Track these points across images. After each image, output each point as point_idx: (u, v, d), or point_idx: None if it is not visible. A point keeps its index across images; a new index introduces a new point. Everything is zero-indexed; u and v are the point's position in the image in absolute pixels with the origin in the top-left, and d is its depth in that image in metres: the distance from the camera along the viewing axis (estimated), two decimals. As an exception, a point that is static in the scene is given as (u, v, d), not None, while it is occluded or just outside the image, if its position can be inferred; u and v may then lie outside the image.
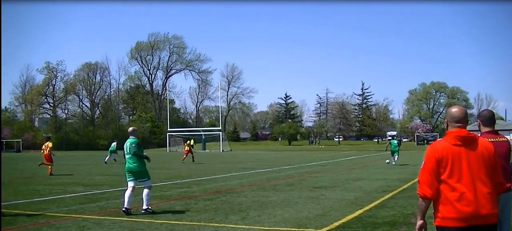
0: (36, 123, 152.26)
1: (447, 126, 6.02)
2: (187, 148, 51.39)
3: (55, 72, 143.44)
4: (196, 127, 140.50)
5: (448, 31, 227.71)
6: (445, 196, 5.67)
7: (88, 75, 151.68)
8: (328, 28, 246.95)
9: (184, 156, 50.62)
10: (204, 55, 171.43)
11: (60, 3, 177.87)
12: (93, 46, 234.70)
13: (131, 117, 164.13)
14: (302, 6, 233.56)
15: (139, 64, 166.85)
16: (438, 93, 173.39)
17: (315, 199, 18.64)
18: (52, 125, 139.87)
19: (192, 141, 53.79)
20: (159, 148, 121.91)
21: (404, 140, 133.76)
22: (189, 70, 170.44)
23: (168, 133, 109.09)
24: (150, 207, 15.70)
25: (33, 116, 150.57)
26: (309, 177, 29.58)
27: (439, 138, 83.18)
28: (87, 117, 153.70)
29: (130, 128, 16.84)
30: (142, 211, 15.39)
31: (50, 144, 32.56)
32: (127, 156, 16.03)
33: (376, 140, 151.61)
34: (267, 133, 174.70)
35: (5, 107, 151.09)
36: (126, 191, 15.44)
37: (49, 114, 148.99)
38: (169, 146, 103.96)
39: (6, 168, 39.75)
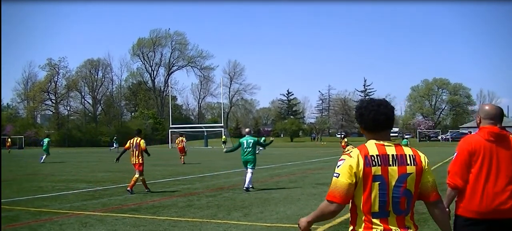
0: (39, 120, 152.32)
1: (480, 121, 6.23)
2: (181, 145, 45.22)
3: (57, 69, 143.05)
4: (198, 124, 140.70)
5: (450, 27, 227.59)
6: (472, 188, 5.95)
7: (90, 71, 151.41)
8: (330, 25, 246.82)
9: (182, 155, 44.15)
10: (206, 52, 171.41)
11: (62, 0, 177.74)
12: (95, 42, 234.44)
13: (133, 114, 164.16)
14: (304, 3, 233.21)
15: (141, 61, 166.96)
16: (440, 89, 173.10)
17: (318, 195, 18.68)
18: (54, 122, 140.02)
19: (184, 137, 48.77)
20: (161, 144, 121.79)
21: (406, 136, 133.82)
22: (191, 66, 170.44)
23: (170, 130, 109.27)
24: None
25: (36, 112, 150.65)
26: (311, 174, 29.63)
27: (441, 135, 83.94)
28: (89, 114, 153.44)
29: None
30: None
31: None
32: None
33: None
34: (269, 129, 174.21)
35: (7, 103, 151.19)
36: None
37: (51, 111, 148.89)
38: (171, 142, 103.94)
39: (9, 165, 39.82)
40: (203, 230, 12.24)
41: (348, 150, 4.65)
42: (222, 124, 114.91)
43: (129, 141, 21.30)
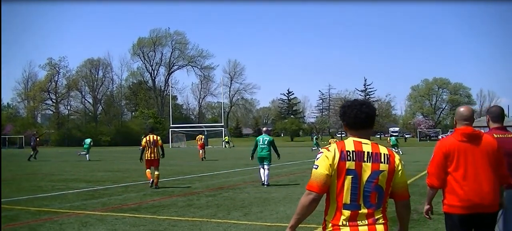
0: (39, 119, 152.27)
1: (456, 123, 6.72)
2: (201, 142, 50.91)
3: (57, 68, 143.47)
4: (198, 123, 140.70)
5: (451, 26, 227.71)
6: (451, 186, 6.46)
7: (90, 71, 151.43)
8: (330, 24, 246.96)
9: (201, 152, 49.51)
10: (206, 51, 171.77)
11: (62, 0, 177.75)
12: (96, 42, 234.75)
13: (133, 113, 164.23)
14: (305, 3, 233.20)
15: (141, 60, 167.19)
16: (440, 89, 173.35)
17: (317, 195, 18.65)
18: (54, 121, 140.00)
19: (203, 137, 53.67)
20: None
21: (406, 136, 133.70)
22: (192, 66, 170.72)
23: (170, 129, 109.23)
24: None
25: (36, 112, 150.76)
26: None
27: (442, 134, 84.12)
28: (90, 113, 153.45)
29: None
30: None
31: None
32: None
33: (378, 136, 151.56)
34: (269, 129, 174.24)
35: (8, 103, 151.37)
36: None
37: (52, 110, 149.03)
38: (171, 142, 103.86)
39: (9, 165, 39.81)
40: (203, 230, 12.24)
41: (329, 144, 4.85)
42: (223, 124, 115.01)
43: (144, 139, 22.52)
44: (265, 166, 22.68)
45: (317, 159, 4.68)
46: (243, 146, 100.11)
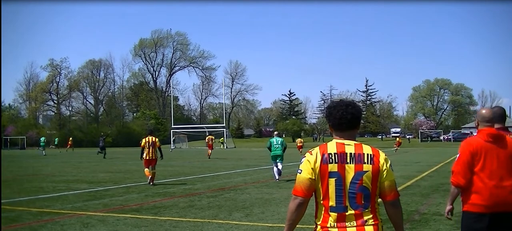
0: (40, 120, 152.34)
1: (478, 125, 6.84)
2: (210, 142, 54.95)
3: (59, 69, 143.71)
4: (200, 124, 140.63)
5: (452, 27, 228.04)
6: (477, 185, 6.48)
7: (92, 72, 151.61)
8: (332, 25, 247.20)
9: (210, 151, 53.65)
10: (207, 52, 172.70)
11: (63, 0, 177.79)
12: (97, 43, 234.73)
13: (135, 114, 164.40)
14: (306, 4, 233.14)
15: (143, 61, 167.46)
16: (442, 89, 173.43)
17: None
18: (56, 122, 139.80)
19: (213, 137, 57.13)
20: (163, 145, 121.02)
21: (408, 137, 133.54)
22: (193, 67, 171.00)
23: (172, 130, 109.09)
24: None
25: (37, 113, 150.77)
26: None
27: (443, 135, 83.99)
28: (91, 114, 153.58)
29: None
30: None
31: None
32: None
33: (380, 137, 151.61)
34: (271, 130, 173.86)
35: (9, 104, 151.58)
36: None
37: (53, 111, 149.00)
38: (173, 143, 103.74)
39: (10, 166, 39.81)
40: (204, 231, 12.24)
41: (313, 149, 4.78)
42: (224, 124, 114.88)
43: (144, 139, 24.39)
44: (278, 164, 25.65)
45: (301, 163, 4.70)
46: (244, 147, 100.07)
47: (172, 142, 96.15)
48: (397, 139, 75.72)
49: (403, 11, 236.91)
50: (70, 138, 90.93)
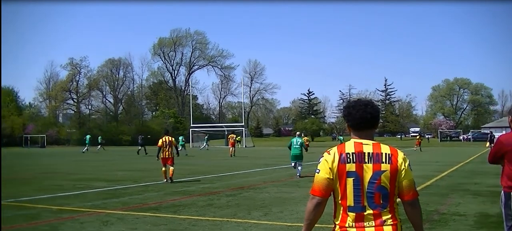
0: (60, 119, 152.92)
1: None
2: (232, 141, 57.14)
3: (78, 68, 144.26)
4: (219, 123, 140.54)
5: (472, 26, 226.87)
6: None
7: (111, 71, 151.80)
8: (351, 25, 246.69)
9: (232, 149, 54.98)
10: (226, 51, 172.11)
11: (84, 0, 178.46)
12: (116, 42, 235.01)
13: (154, 113, 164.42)
14: (325, 2, 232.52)
15: (162, 60, 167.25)
16: (461, 89, 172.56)
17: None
18: (75, 121, 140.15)
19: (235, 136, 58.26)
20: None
21: (427, 136, 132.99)
22: (212, 66, 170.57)
23: (191, 129, 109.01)
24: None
25: (57, 111, 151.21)
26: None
27: (463, 135, 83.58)
28: (111, 113, 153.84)
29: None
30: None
31: None
32: None
33: (399, 136, 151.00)
34: (290, 129, 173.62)
35: (29, 102, 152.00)
36: None
37: (73, 110, 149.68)
38: (192, 142, 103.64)
39: (30, 164, 40.09)
40: (223, 229, 12.24)
41: (331, 148, 4.78)
42: (243, 124, 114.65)
43: (161, 139, 25.36)
44: (298, 164, 26.79)
45: (319, 162, 4.72)
46: (263, 146, 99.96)
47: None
48: (417, 137, 75.32)
49: (423, 10, 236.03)
50: (100, 137, 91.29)
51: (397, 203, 4.61)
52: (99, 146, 73.48)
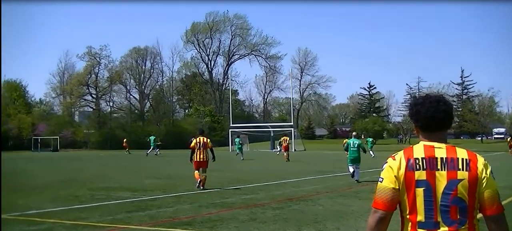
0: (76, 118, 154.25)
1: None
2: (285, 144, 58.81)
3: (98, 59, 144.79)
4: (263, 123, 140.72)
5: None
6: None
7: (136, 62, 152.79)
8: (419, 6, 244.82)
9: (285, 154, 57.38)
10: (272, 38, 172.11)
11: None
12: (142, 28, 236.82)
13: (186, 111, 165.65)
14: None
15: (196, 49, 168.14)
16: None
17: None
18: (95, 120, 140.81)
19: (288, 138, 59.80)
20: (220, 147, 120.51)
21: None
22: (255, 55, 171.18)
23: (230, 130, 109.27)
24: None
25: (73, 109, 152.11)
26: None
27: None
28: (136, 111, 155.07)
29: None
30: None
31: None
32: None
33: (479, 138, 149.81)
34: (347, 129, 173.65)
35: (40, 99, 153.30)
36: None
37: (92, 107, 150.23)
38: (231, 144, 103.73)
39: (42, 170, 40.45)
40: (269, 249, 12.22)
41: (396, 153, 4.69)
42: (292, 123, 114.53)
43: (194, 140, 25.60)
44: (356, 169, 28.88)
45: (382, 170, 4.62)
46: (316, 150, 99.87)
47: (230, 144, 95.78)
48: (508, 140, 74.07)
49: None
50: (125, 139, 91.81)
51: (478, 219, 4.48)
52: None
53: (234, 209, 18.61)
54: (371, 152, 58.71)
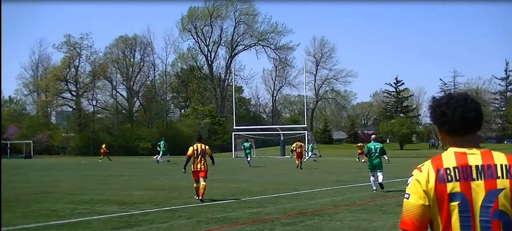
0: (53, 119, 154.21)
1: None
2: (299, 150, 60.29)
3: (78, 49, 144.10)
4: (272, 125, 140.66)
5: None
6: None
7: (123, 53, 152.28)
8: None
9: (297, 161, 58.70)
10: (282, 25, 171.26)
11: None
12: (131, 13, 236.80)
13: (183, 111, 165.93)
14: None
15: (194, 39, 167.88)
16: None
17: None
18: (75, 121, 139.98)
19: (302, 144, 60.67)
20: (222, 152, 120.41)
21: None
22: (262, 45, 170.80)
23: (234, 133, 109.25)
24: None
25: (49, 109, 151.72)
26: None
27: None
28: (123, 111, 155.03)
29: None
30: None
31: None
32: None
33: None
34: (370, 132, 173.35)
35: (10, 97, 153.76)
36: None
37: (71, 107, 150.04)
38: (235, 150, 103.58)
39: (12, 180, 40.44)
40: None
41: (422, 164, 4.60)
42: (305, 125, 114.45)
43: (191, 147, 25.89)
44: (378, 173, 30.13)
45: (408, 185, 4.53)
46: (333, 156, 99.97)
47: (233, 149, 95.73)
48: None
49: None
50: (103, 145, 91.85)
51: None
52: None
53: (239, 225, 18.65)
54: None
